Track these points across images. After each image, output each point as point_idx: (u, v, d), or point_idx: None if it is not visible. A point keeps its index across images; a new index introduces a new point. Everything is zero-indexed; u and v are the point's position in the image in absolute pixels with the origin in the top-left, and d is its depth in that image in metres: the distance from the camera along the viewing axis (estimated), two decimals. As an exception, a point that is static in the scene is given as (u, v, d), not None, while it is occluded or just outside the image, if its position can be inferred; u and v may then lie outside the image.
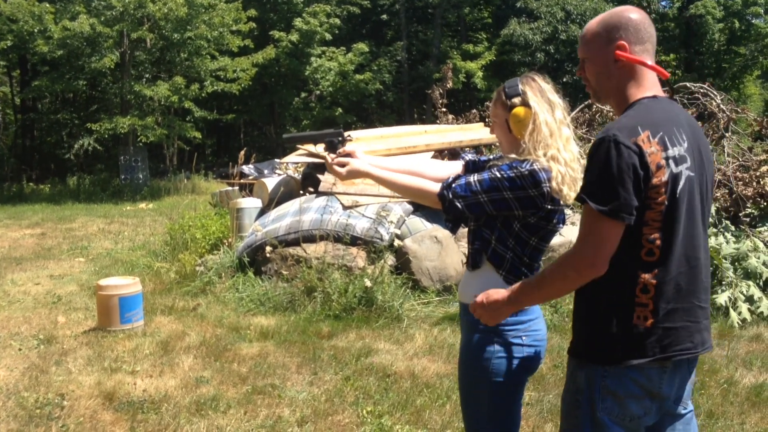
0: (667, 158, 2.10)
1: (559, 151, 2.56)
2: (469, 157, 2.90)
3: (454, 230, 2.81)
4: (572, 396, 2.29)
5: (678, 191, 2.12)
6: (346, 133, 2.92)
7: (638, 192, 2.07)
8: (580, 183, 2.46)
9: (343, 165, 2.83)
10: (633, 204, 2.06)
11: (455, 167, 2.89)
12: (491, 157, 2.88)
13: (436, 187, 2.65)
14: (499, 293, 2.32)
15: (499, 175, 2.53)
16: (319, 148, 2.99)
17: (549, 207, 2.54)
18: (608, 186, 2.06)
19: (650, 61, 2.25)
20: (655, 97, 2.25)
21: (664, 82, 2.43)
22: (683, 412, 2.34)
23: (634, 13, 2.26)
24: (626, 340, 2.15)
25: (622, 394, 2.17)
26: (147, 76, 23.86)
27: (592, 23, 2.31)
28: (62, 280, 8.80)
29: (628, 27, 2.24)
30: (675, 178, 2.11)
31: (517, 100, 2.63)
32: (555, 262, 2.20)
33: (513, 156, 2.63)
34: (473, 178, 2.57)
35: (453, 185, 2.60)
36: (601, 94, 2.33)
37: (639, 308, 2.15)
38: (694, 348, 2.20)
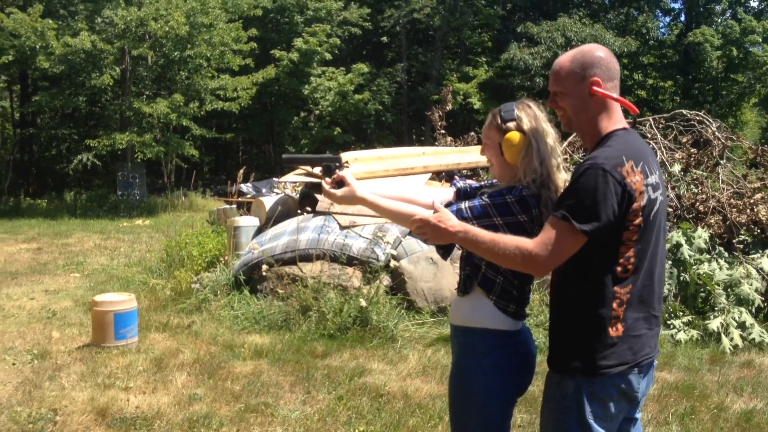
0: (647, 185, 2.31)
1: (549, 179, 2.61)
2: (461, 184, 2.94)
3: (445, 256, 2.84)
4: (558, 404, 2.45)
5: (652, 214, 2.33)
6: (343, 159, 2.95)
7: (616, 216, 2.26)
8: None
9: (339, 188, 2.87)
10: (609, 228, 2.27)
11: (447, 194, 2.93)
12: (483, 184, 2.92)
13: (428, 214, 2.69)
14: (452, 224, 2.45)
15: (489, 202, 2.57)
16: (317, 171, 3.03)
17: (538, 232, 2.58)
18: (593, 209, 2.25)
19: (616, 95, 2.44)
20: (626, 129, 2.45)
21: (627, 115, 2.58)
22: (637, 416, 2.57)
23: (601, 52, 2.45)
24: (605, 351, 2.34)
25: (606, 397, 2.37)
26: (147, 93, 23.97)
27: (564, 61, 2.48)
28: (57, 295, 8.80)
29: (600, 64, 2.43)
30: (651, 202, 2.32)
31: (512, 124, 2.67)
32: (514, 239, 2.37)
33: (504, 184, 2.69)
34: (464, 204, 2.61)
35: None
36: (575, 125, 2.50)
37: (613, 320, 2.34)
38: (652, 352, 2.44)
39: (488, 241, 2.38)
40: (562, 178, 2.66)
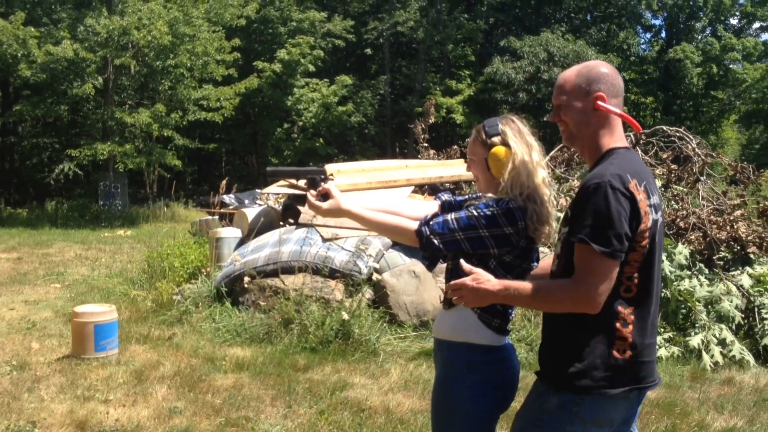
0: (650, 206, 2.29)
1: (536, 192, 2.62)
2: (446, 197, 2.95)
3: (430, 267, 2.84)
4: (535, 415, 2.42)
5: (656, 236, 2.31)
6: (328, 171, 2.96)
7: (629, 235, 2.24)
8: (553, 224, 2.59)
9: (324, 201, 2.87)
10: (626, 246, 2.24)
11: (431, 207, 2.94)
12: (467, 197, 2.93)
13: (413, 225, 2.70)
14: (492, 284, 2.40)
15: (476, 213, 2.58)
16: (302, 184, 3.03)
17: (524, 245, 2.60)
18: (609, 229, 2.21)
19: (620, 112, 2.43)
20: (627, 148, 2.43)
21: (626, 128, 2.58)
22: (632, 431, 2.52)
23: (605, 68, 2.45)
24: (605, 371, 2.30)
25: (589, 419, 2.33)
26: (130, 102, 23.87)
27: (570, 75, 2.46)
28: (37, 305, 8.73)
29: (606, 80, 2.42)
30: (655, 224, 2.31)
31: (496, 139, 2.69)
32: (555, 283, 2.35)
33: (490, 195, 2.70)
34: (451, 216, 2.62)
35: (431, 222, 2.65)
36: (577, 139, 2.48)
37: (619, 342, 2.30)
38: (656, 380, 2.42)
39: (531, 293, 2.34)
40: (549, 191, 2.67)
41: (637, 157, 2.45)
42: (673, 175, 8.90)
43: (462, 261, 2.51)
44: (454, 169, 10.02)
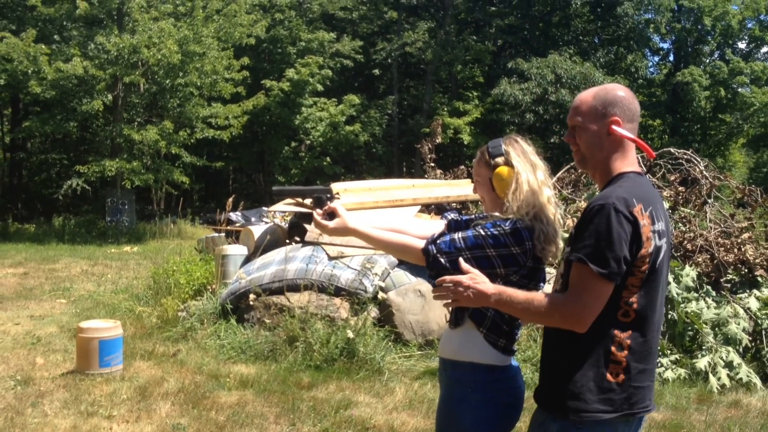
0: (654, 231, 2.27)
1: (542, 211, 2.61)
2: (452, 216, 2.95)
3: None
4: None
5: (658, 262, 2.29)
6: (334, 191, 2.96)
7: (628, 259, 2.23)
8: (560, 243, 2.59)
9: (330, 220, 2.87)
10: (624, 269, 2.23)
11: (438, 226, 2.93)
12: (474, 216, 2.92)
13: (420, 244, 2.69)
14: (487, 286, 2.39)
15: (483, 233, 2.58)
16: (308, 203, 3.04)
17: (530, 265, 2.59)
18: (608, 251, 2.20)
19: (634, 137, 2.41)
20: (638, 173, 2.42)
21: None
22: None
23: (622, 92, 2.44)
24: (600, 394, 2.29)
25: None
26: (138, 119, 23.98)
27: (587, 96, 2.45)
28: (42, 321, 8.73)
29: (622, 104, 2.41)
30: (657, 250, 2.28)
31: (500, 159, 2.70)
32: (548, 298, 2.33)
33: (497, 215, 2.69)
34: (458, 235, 2.62)
35: (437, 241, 2.64)
36: (589, 162, 2.47)
37: (613, 365, 2.29)
38: (650, 406, 2.38)
39: (523, 301, 2.34)
40: (555, 210, 2.67)
41: (647, 182, 2.44)
42: (680, 197, 8.88)
43: (461, 260, 2.50)
44: (461, 188, 10.02)
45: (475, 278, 2.40)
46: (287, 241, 9.12)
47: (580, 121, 2.43)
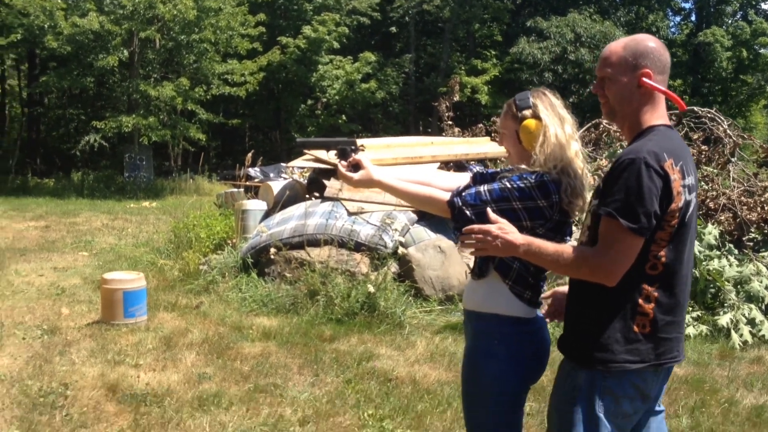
0: (684, 186, 2.25)
1: (569, 164, 2.58)
2: (477, 169, 2.91)
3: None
4: (568, 395, 2.40)
5: (687, 217, 2.28)
6: (359, 143, 2.94)
7: (658, 213, 2.21)
8: (587, 197, 2.57)
9: (355, 172, 2.86)
10: (653, 224, 2.22)
11: (463, 178, 2.90)
12: (499, 169, 2.89)
13: (445, 196, 2.67)
14: (516, 236, 2.37)
15: (509, 186, 2.55)
16: (331, 155, 3.02)
17: (557, 218, 2.57)
18: (639, 206, 2.19)
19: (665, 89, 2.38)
20: (668, 126, 2.39)
21: (673, 111, 2.54)
22: (658, 409, 2.52)
23: (653, 42, 2.39)
24: (626, 345, 2.29)
25: (619, 394, 2.32)
26: (155, 76, 23.94)
27: (617, 47, 2.40)
28: (66, 272, 8.82)
29: (653, 55, 2.36)
30: (687, 205, 2.27)
31: (527, 112, 2.66)
32: (577, 251, 2.32)
33: (523, 167, 2.65)
34: (483, 188, 2.59)
35: (463, 194, 2.62)
36: (618, 115, 2.44)
37: (639, 317, 2.30)
38: (679, 356, 2.39)
39: (552, 253, 2.32)
40: (583, 164, 2.65)
41: (677, 136, 2.40)
42: (703, 156, 8.83)
43: (489, 210, 2.47)
44: (480, 146, 9.98)
45: (503, 228, 2.38)
46: (306, 196, 9.15)
47: (609, 72, 2.39)
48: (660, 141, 2.27)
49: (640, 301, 2.29)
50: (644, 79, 2.33)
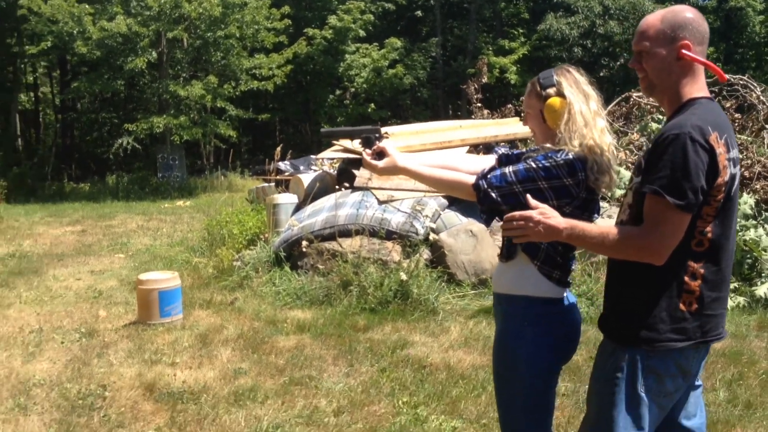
0: (729, 159, 2.21)
1: (595, 142, 2.53)
2: (502, 150, 2.88)
3: (488, 222, 2.77)
4: (610, 375, 2.36)
5: (733, 190, 2.25)
6: (383, 130, 2.93)
7: (704, 188, 2.17)
8: (614, 174, 2.52)
9: (380, 159, 2.84)
10: (700, 199, 2.17)
11: (489, 161, 2.87)
12: (525, 150, 2.86)
13: (471, 179, 2.64)
14: (558, 220, 2.31)
15: (534, 166, 2.52)
16: (356, 144, 3.01)
17: (584, 196, 2.54)
18: (685, 182, 2.14)
19: (705, 61, 2.32)
20: (709, 98, 2.33)
21: (713, 82, 2.48)
22: (697, 384, 2.49)
23: (691, 13, 2.33)
24: (672, 324, 2.26)
25: (663, 373, 2.29)
26: (184, 75, 24.11)
27: (654, 19, 2.35)
28: (102, 275, 8.95)
29: (692, 26, 2.31)
30: (732, 178, 2.23)
31: (551, 90, 2.62)
32: (623, 229, 2.27)
33: (548, 146, 2.62)
34: (508, 169, 2.56)
35: (488, 176, 2.59)
36: (657, 89, 2.39)
37: (686, 294, 2.26)
38: (723, 332, 2.36)
39: (597, 236, 2.27)
40: (609, 140, 2.60)
41: (718, 108, 2.34)
42: (736, 124, 8.66)
43: (528, 196, 2.40)
44: (510, 127, 9.90)
45: (545, 212, 2.32)
46: (336, 187, 9.16)
47: (647, 46, 2.33)
48: (703, 114, 2.23)
49: (686, 278, 2.25)
50: (683, 50, 2.28)
